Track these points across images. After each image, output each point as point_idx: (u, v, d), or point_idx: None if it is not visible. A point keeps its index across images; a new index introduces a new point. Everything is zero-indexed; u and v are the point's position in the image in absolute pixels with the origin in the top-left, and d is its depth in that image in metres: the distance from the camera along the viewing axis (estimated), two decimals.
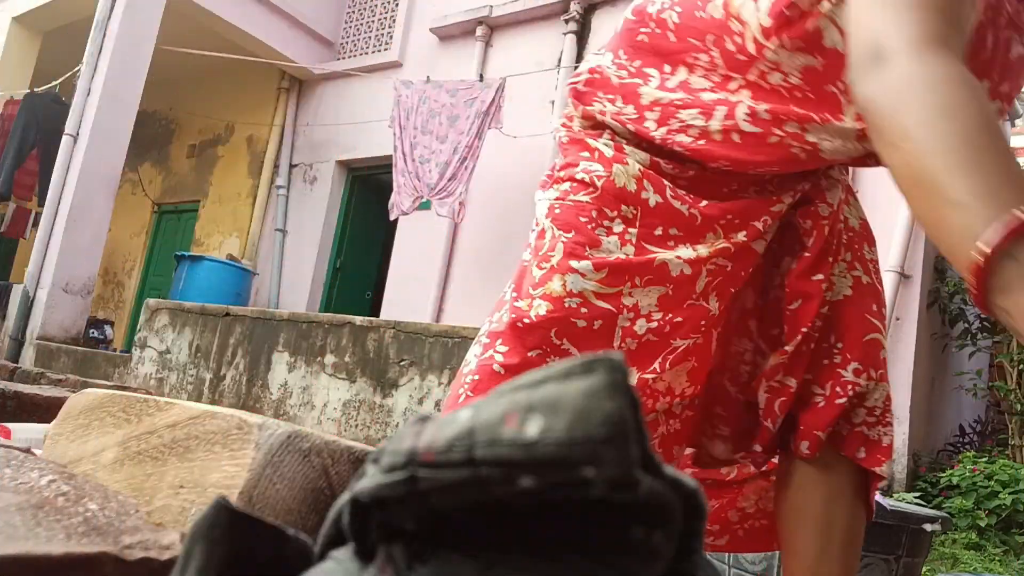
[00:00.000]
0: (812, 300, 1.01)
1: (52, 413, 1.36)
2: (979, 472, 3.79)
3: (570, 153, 1.06)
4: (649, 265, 0.96)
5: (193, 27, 7.07)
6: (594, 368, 0.30)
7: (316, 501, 0.73)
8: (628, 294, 0.96)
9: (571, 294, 0.95)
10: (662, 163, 1.00)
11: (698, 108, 0.96)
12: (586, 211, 0.98)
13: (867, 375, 1.03)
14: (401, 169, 6.00)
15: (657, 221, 0.98)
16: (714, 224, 0.98)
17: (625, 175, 0.99)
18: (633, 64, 1.05)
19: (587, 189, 1.00)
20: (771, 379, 1.03)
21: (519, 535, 0.32)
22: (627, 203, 0.98)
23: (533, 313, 0.97)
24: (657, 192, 0.98)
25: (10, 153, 7.13)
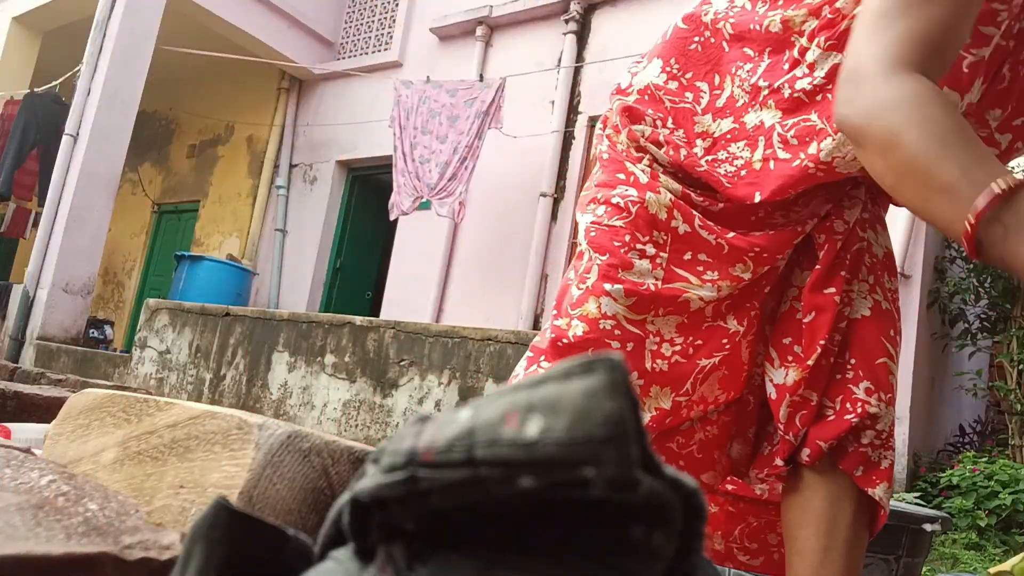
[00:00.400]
0: (824, 313, 1.04)
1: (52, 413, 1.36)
2: (979, 472, 3.79)
3: (608, 172, 1.11)
4: (673, 299, 1.02)
5: (193, 27, 7.07)
6: (594, 368, 0.30)
7: (316, 501, 0.73)
8: (651, 322, 1.03)
9: (605, 316, 1.01)
10: (693, 195, 1.05)
11: (744, 140, 1.03)
12: (620, 235, 1.04)
13: (878, 396, 1.04)
14: (401, 169, 6.00)
15: (686, 248, 1.04)
16: (743, 256, 1.03)
17: (657, 204, 1.04)
18: (685, 76, 1.10)
19: (621, 214, 1.05)
20: (794, 393, 1.04)
21: (519, 535, 0.32)
22: (658, 229, 1.04)
23: (571, 333, 1.03)
24: (686, 222, 1.04)
25: (10, 153, 7.13)
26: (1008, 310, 5.04)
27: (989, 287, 5.09)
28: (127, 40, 6.32)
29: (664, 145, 1.07)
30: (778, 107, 0.99)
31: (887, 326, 1.08)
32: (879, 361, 1.05)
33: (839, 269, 1.06)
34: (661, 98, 1.10)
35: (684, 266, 1.03)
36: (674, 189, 1.05)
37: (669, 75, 1.11)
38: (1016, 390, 4.89)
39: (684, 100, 1.09)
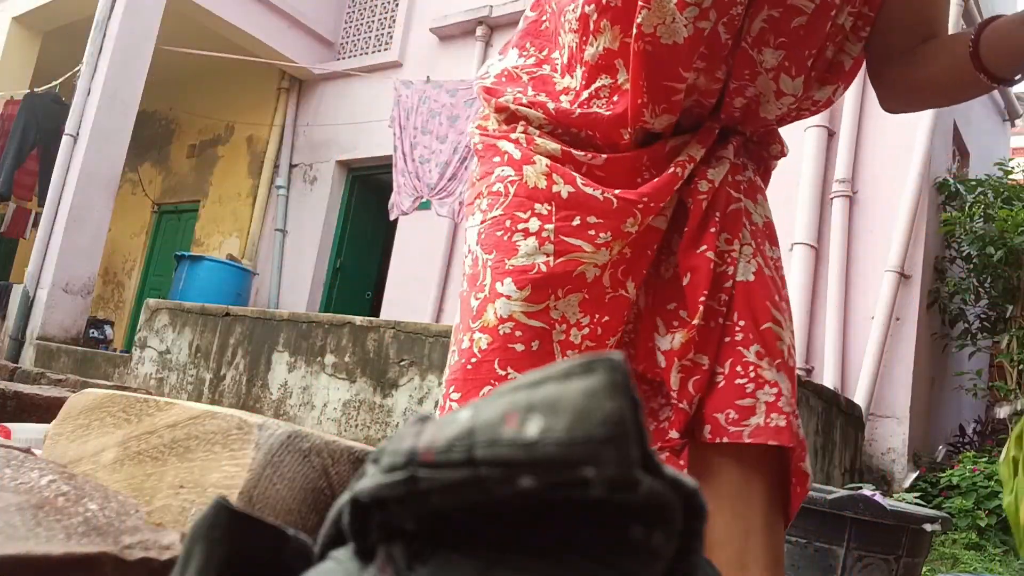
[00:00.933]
0: (700, 272, 1.00)
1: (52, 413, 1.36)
2: (979, 472, 3.79)
3: (485, 161, 1.07)
4: (569, 275, 0.97)
5: (193, 27, 7.07)
6: (594, 368, 0.30)
7: (316, 501, 0.73)
8: (554, 307, 0.97)
9: (502, 320, 0.96)
10: (574, 152, 1.01)
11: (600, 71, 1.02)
12: (500, 224, 1.00)
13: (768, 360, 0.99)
14: (401, 169, 6.00)
15: (573, 212, 0.98)
16: (632, 208, 0.98)
17: (535, 174, 1.00)
18: (541, 53, 1.10)
19: (499, 200, 1.01)
20: (682, 358, 0.99)
21: (519, 535, 0.32)
22: (540, 201, 0.99)
23: (475, 348, 0.97)
24: (568, 183, 0.99)
25: (10, 153, 7.14)
26: (1008, 310, 5.04)
27: (989, 287, 5.10)
28: (127, 40, 6.32)
29: (532, 106, 1.04)
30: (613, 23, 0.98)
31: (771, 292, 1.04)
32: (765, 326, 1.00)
33: (708, 226, 1.02)
34: (518, 75, 1.09)
35: (574, 233, 0.97)
36: (552, 150, 1.01)
37: (525, 57, 1.12)
38: (1016, 390, 4.89)
39: (542, 70, 1.09)
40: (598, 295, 1.00)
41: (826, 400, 4.05)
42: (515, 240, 0.98)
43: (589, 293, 0.99)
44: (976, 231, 5.01)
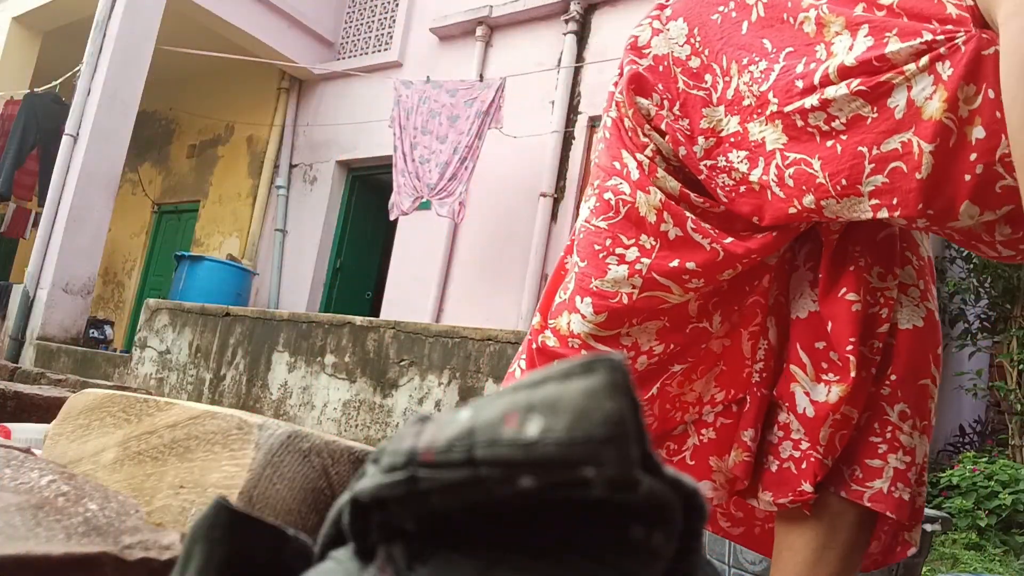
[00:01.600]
0: (840, 320, 0.93)
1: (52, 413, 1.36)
2: (979, 472, 3.79)
3: (607, 155, 1.00)
4: (648, 310, 0.94)
5: (193, 27, 7.07)
6: (594, 368, 0.30)
7: (316, 501, 0.73)
8: (626, 334, 0.95)
9: (572, 335, 0.96)
10: (692, 196, 0.94)
11: (746, 151, 0.91)
12: (601, 238, 0.96)
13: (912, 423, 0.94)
14: (401, 169, 6.00)
15: (674, 254, 0.93)
16: (736, 262, 0.92)
17: (647, 205, 0.94)
18: (705, 53, 0.96)
19: (608, 213, 0.97)
20: (836, 412, 0.93)
21: (519, 535, 0.32)
22: (647, 233, 0.94)
23: (541, 340, 0.99)
24: (677, 225, 0.93)
25: (10, 153, 7.13)
26: (1008, 310, 5.04)
27: (989, 287, 5.10)
28: (127, 40, 6.32)
29: (666, 135, 0.95)
30: (785, 132, 0.87)
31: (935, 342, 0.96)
32: (921, 382, 0.94)
33: (848, 264, 0.94)
34: (677, 76, 0.97)
35: (668, 274, 0.93)
36: (671, 188, 0.94)
37: (693, 49, 0.97)
38: (1016, 390, 4.89)
39: (700, 86, 0.96)
40: (679, 323, 0.96)
41: None
42: (608, 261, 0.95)
43: (670, 321, 0.96)
44: None
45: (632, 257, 0.94)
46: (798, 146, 0.86)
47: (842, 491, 0.94)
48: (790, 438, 0.98)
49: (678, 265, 0.92)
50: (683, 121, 0.96)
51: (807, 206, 0.86)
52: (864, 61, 0.80)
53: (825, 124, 0.83)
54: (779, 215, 0.89)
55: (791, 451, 0.97)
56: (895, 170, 0.80)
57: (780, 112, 0.86)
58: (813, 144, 0.85)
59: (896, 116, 0.79)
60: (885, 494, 0.92)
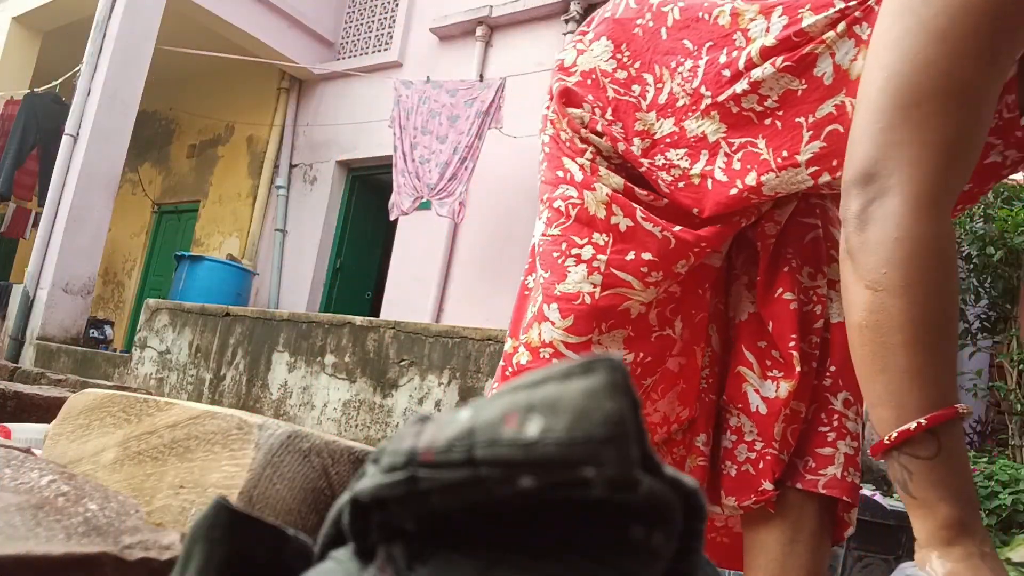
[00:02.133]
0: (781, 319, 0.97)
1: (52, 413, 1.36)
2: (979, 472, 3.79)
3: (549, 169, 1.03)
4: (613, 310, 0.94)
5: (193, 27, 7.07)
6: (594, 368, 0.30)
7: (316, 501, 0.73)
8: (597, 342, 0.95)
9: (544, 344, 0.95)
10: (636, 190, 0.97)
11: (685, 148, 0.95)
12: (557, 245, 0.98)
13: (856, 409, 0.98)
14: (401, 169, 6.00)
15: (629, 246, 0.94)
16: (688, 250, 0.94)
17: (595, 202, 0.96)
18: (634, 66, 1.00)
19: (559, 219, 0.99)
20: (787, 407, 0.96)
21: (519, 535, 0.32)
22: (598, 230, 0.96)
23: (516, 360, 0.98)
24: (627, 215, 0.95)
25: (10, 153, 7.13)
26: (1008, 310, 5.04)
27: (989, 287, 5.10)
28: (127, 40, 6.32)
29: (603, 135, 0.98)
30: (723, 120, 0.91)
31: None
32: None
33: (782, 266, 0.99)
34: (605, 86, 1.00)
35: (626, 267, 0.94)
36: (615, 183, 0.96)
37: (619, 63, 1.01)
38: (1016, 390, 4.89)
39: (630, 93, 0.99)
40: (643, 333, 0.97)
41: None
42: (567, 265, 0.96)
43: (634, 330, 0.97)
44: (976, 231, 5.00)
45: (588, 256, 0.95)
46: (739, 131, 0.90)
47: (798, 483, 0.97)
48: (744, 441, 1.00)
49: (634, 258, 0.94)
50: (616, 125, 0.99)
51: (748, 184, 0.90)
52: (784, 39, 0.83)
53: (759, 105, 0.87)
54: (720, 200, 0.92)
55: (747, 453, 1.00)
56: (832, 132, 0.83)
57: (715, 103, 0.90)
58: (753, 126, 0.89)
59: (825, 82, 0.82)
60: (839, 479, 0.96)
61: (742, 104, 0.88)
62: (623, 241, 0.95)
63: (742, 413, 1.00)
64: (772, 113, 0.87)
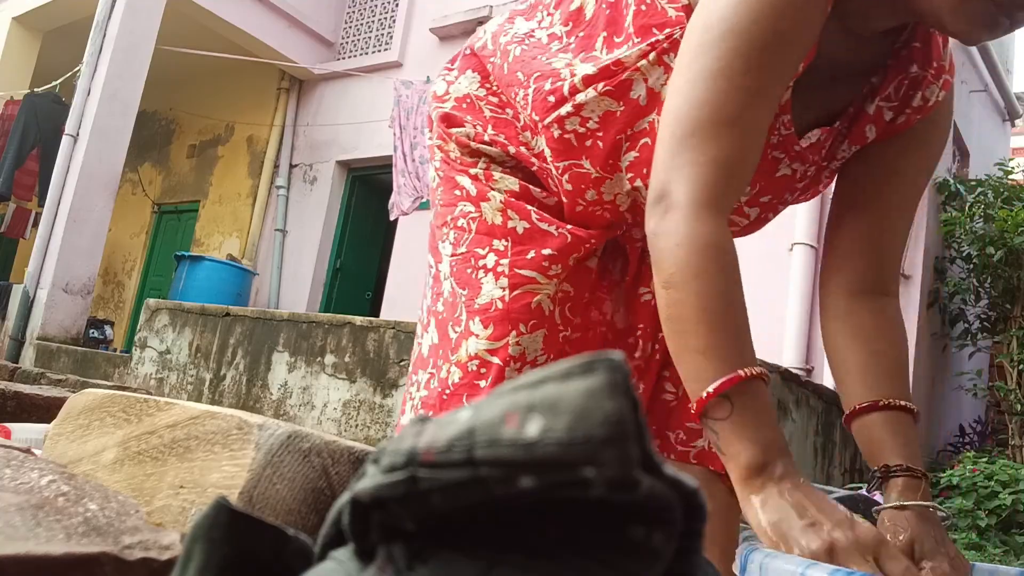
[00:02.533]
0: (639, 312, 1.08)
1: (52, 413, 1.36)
2: (979, 472, 3.79)
3: (446, 191, 1.09)
4: (527, 309, 0.99)
5: (193, 27, 7.07)
6: (594, 368, 0.30)
7: (316, 501, 0.73)
8: (516, 343, 0.99)
9: (471, 357, 1.00)
10: (532, 188, 1.04)
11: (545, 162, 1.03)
12: (467, 261, 1.03)
13: None
14: (401, 169, 6.00)
15: (528, 246, 1.01)
16: (582, 245, 1.02)
17: (491, 210, 1.03)
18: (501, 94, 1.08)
19: (463, 236, 1.05)
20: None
21: (519, 535, 0.32)
22: (497, 236, 1.02)
23: (450, 381, 1.01)
24: (523, 218, 1.02)
25: (10, 153, 7.13)
26: (1008, 310, 5.04)
27: (989, 287, 5.10)
28: (127, 40, 6.32)
29: (492, 144, 1.05)
30: (549, 144, 0.99)
31: None
32: None
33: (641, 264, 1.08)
34: (481, 107, 1.09)
35: (528, 265, 1.00)
36: (510, 185, 1.03)
37: (489, 91, 1.09)
38: (1016, 390, 4.89)
39: (504, 114, 1.07)
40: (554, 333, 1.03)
41: (826, 400, 4.04)
42: (479, 278, 1.01)
43: (549, 329, 1.02)
44: (976, 231, 5.01)
45: (492, 263, 1.01)
46: (563, 155, 0.99)
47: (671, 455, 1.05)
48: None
49: (535, 255, 1.00)
50: (500, 136, 1.06)
51: (591, 200, 1.00)
52: (604, 68, 0.95)
53: (581, 126, 0.97)
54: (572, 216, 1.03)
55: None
56: (644, 145, 0.95)
57: (543, 126, 0.99)
58: (575, 149, 0.98)
59: (641, 103, 0.94)
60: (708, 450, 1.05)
61: (565, 126, 0.97)
62: (521, 243, 1.01)
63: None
64: (593, 135, 0.97)
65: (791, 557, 0.64)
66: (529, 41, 1.06)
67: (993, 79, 6.80)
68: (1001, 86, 7.08)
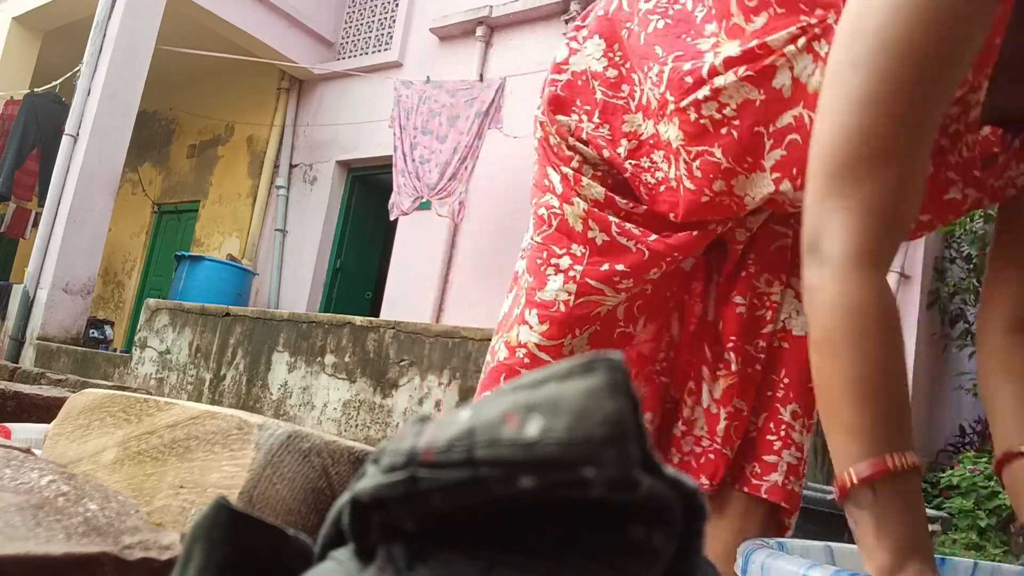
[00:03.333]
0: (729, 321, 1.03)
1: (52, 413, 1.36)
2: (979, 472, 3.79)
3: (538, 175, 1.09)
4: (586, 316, 1.01)
5: (193, 27, 7.07)
6: (594, 368, 0.30)
7: (316, 501, 0.73)
8: (568, 345, 1.01)
9: (520, 344, 1.02)
10: (617, 199, 1.02)
11: (663, 150, 0.98)
12: (540, 252, 1.04)
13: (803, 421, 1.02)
14: (401, 169, 6.00)
15: (603, 258, 1.00)
16: (660, 260, 1.00)
17: (573, 215, 1.02)
18: (624, 66, 1.03)
19: (542, 227, 1.05)
20: (727, 405, 1.01)
21: (519, 535, 0.32)
22: (576, 241, 1.02)
23: (496, 359, 1.04)
24: (603, 231, 1.01)
25: (10, 153, 7.13)
26: None
27: None
28: (127, 40, 6.31)
29: (588, 143, 1.02)
30: (681, 128, 0.93)
31: None
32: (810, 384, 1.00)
33: (741, 270, 1.04)
34: (595, 88, 1.04)
35: (600, 277, 1.00)
36: (596, 194, 1.01)
37: (610, 62, 1.03)
38: None
39: (618, 94, 1.02)
40: (608, 329, 1.03)
41: None
42: (547, 273, 1.02)
43: (601, 326, 1.02)
44: (976, 231, 5.00)
45: (566, 265, 1.01)
46: (696, 140, 0.92)
47: (744, 487, 1.02)
48: (692, 433, 1.06)
49: (608, 269, 1.00)
50: (604, 128, 1.02)
51: (718, 191, 0.93)
52: (747, 50, 0.86)
53: (717, 112, 0.89)
54: (692, 207, 0.96)
55: (692, 445, 1.05)
56: (791, 142, 0.86)
57: (677, 108, 0.92)
58: (709, 135, 0.90)
59: (784, 95, 0.85)
60: (780, 486, 1.01)
61: (701, 111, 0.90)
62: (599, 254, 1.00)
63: (696, 407, 1.06)
64: (729, 122, 0.89)
65: (792, 558, 0.64)
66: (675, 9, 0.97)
67: None
68: None
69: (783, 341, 1.03)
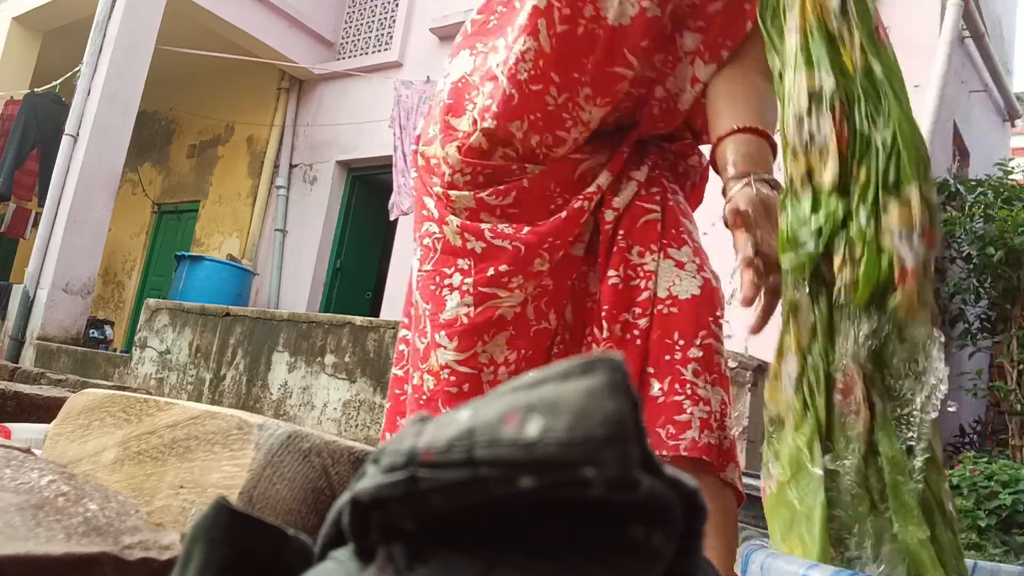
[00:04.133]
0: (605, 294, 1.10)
1: (52, 413, 1.36)
2: (979, 472, 3.79)
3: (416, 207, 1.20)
4: (490, 322, 1.07)
5: (193, 27, 7.07)
6: (594, 368, 0.30)
7: (316, 501, 0.73)
8: (482, 352, 1.07)
9: (442, 367, 1.08)
10: (485, 197, 1.10)
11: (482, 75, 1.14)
12: (432, 279, 1.12)
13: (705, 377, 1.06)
14: (401, 169, 6.00)
15: (487, 264, 1.08)
16: (538, 250, 1.08)
17: (451, 233, 1.11)
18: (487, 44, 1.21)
19: (430, 255, 1.13)
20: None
21: (519, 535, 0.32)
22: (461, 256, 1.10)
23: (425, 387, 1.10)
24: (479, 239, 1.09)
25: (10, 153, 7.13)
26: (1008, 310, 5.04)
27: (989, 287, 5.09)
28: (127, 40, 6.31)
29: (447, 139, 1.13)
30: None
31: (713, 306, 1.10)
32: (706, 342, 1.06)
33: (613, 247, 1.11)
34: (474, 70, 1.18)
35: (490, 283, 1.07)
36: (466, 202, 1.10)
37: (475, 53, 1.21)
38: (1016, 390, 4.89)
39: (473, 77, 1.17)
40: (523, 329, 1.10)
41: None
42: (443, 295, 1.10)
43: (515, 329, 1.09)
44: (976, 231, 5.00)
45: (457, 282, 1.09)
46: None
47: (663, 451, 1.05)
48: None
49: (494, 272, 1.08)
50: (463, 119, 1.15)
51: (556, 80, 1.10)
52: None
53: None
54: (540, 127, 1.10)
55: None
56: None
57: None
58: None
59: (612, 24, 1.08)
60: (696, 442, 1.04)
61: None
62: (482, 261, 1.09)
63: None
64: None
65: (792, 558, 0.65)
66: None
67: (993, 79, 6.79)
68: (1001, 86, 7.08)
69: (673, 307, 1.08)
